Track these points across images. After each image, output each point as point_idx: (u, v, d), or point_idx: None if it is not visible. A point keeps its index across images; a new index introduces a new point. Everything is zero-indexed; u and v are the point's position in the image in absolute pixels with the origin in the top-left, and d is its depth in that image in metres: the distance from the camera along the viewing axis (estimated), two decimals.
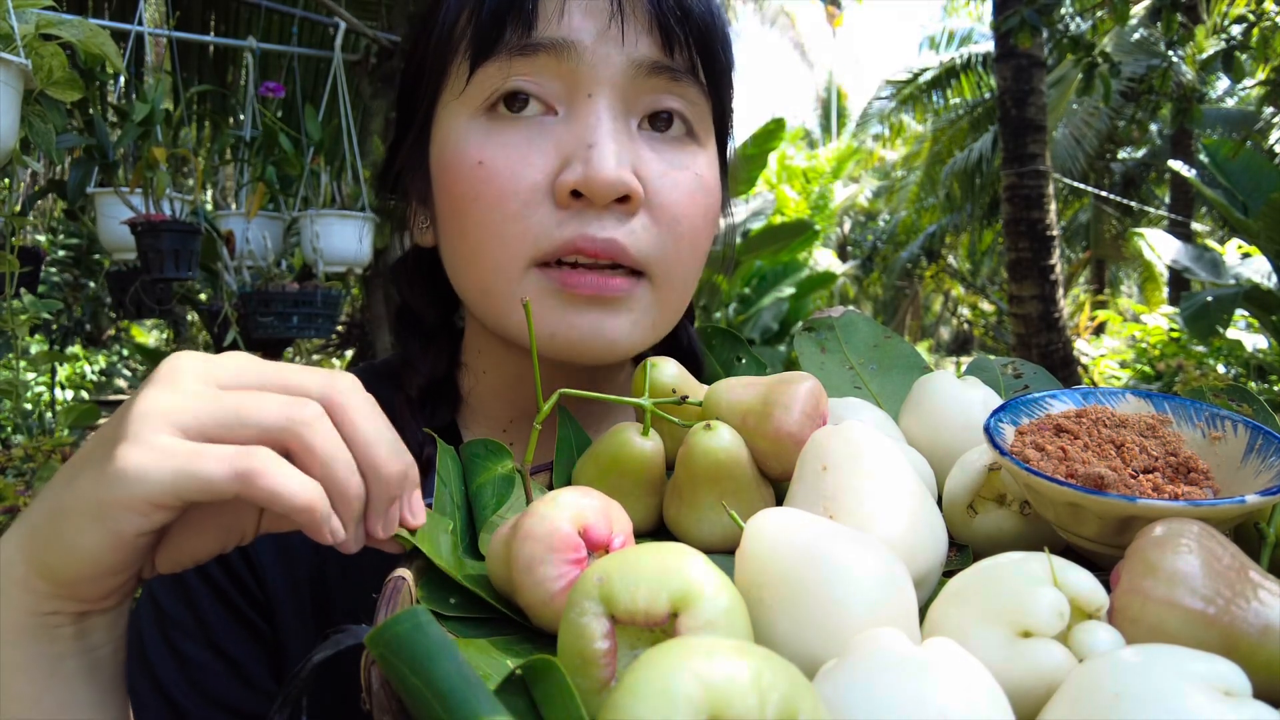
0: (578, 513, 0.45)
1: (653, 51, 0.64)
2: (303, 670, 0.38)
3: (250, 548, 0.68)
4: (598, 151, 0.61)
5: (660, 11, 0.63)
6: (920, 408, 0.64)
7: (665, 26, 0.63)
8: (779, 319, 7.99)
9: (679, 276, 0.68)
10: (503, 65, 0.63)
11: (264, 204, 2.66)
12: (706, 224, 0.68)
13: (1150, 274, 13.25)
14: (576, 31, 0.62)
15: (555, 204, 0.62)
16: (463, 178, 0.64)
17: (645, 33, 0.63)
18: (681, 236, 0.66)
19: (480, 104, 0.64)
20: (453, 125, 0.66)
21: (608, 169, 0.60)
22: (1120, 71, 4.35)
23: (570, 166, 0.62)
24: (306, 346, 6.09)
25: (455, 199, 0.65)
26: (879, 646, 0.34)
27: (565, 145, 0.63)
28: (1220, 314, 5.26)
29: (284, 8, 3.50)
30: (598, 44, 0.62)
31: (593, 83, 0.63)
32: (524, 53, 0.62)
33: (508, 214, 0.62)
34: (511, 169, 0.62)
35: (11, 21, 1.17)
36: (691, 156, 0.67)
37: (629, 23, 0.63)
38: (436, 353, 0.76)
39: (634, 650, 0.38)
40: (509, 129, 0.63)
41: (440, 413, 0.76)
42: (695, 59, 0.65)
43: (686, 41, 0.64)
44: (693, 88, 0.66)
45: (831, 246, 17.20)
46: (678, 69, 0.64)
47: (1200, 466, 0.49)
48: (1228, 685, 0.32)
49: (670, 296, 0.68)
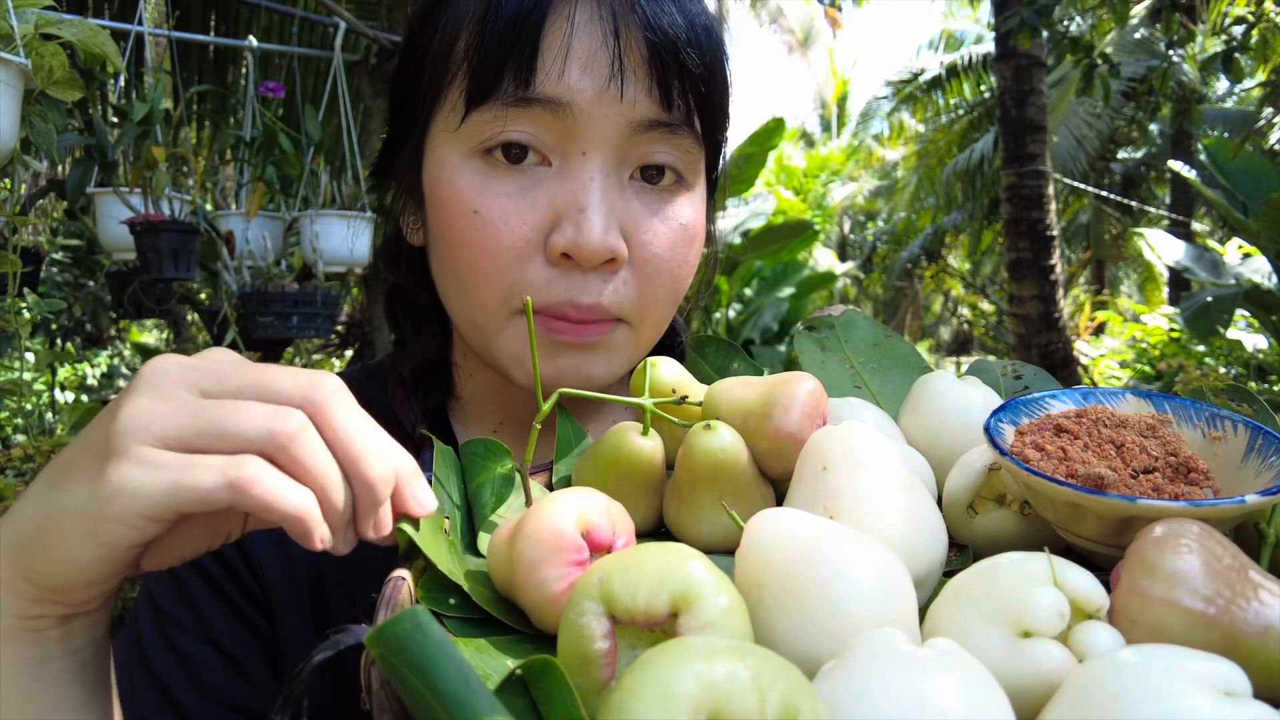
0: (581, 514, 0.45)
1: (650, 110, 0.63)
2: (303, 670, 0.38)
3: (248, 545, 0.68)
4: (587, 217, 0.62)
5: (661, 70, 0.62)
6: (920, 408, 0.64)
7: (665, 85, 0.63)
8: (779, 319, 7.99)
9: (656, 318, 0.70)
10: (498, 114, 0.62)
11: (264, 204, 2.66)
12: (687, 269, 0.70)
13: (1150, 274, 13.26)
14: (574, 91, 0.61)
15: (545, 260, 0.64)
16: (457, 221, 0.64)
17: (645, 92, 0.63)
18: (662, 286, 0.68)
19: (475, 147, 0.64)
20: (447, 159, 0.66)
21: (596, 237, 0.61)
22: (1120, 72, 4.35)
23: (561, 228, 0.62)
24: (306, 346, 6.09)
25: (448, 240, 0.66)
26: (879, 646, 0.34)
27: (558, 202, 0.63)
28: (1220, 314, 5.27)
29: (284, 8, 3.51)
30: (595, 104, 0.62)
31: (588, 141, 0.63)
32: (520, 105, 0.62)
33: (500, 265, 0.64)
34: (505, 221, 0.63)
35: (11, 21, 1.17)
36: (678, 206, 0.68)
37: (629, 83, 0.62)
38: (429, 333, 0.77)
39: (634, 650, 0.38)
40: (504, 177, 0.64)
41: (433, 394, 0.77)
42: (692, 110, 0.65)
43: (685, 96, 0.64)
44: (688, 139, 0.66)
45: (831, 246, 17.20)
46: (674, 124, 0.64)
47: (1200, 466, 0.49)
48: (1228, 685, 0.32)
49: (646, 334, 0.70)
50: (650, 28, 0.62)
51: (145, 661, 0.66)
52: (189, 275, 2.32)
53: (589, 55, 0.61)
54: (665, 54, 0.62)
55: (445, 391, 0.78)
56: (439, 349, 0.78)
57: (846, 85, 22.27)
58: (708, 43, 0.65)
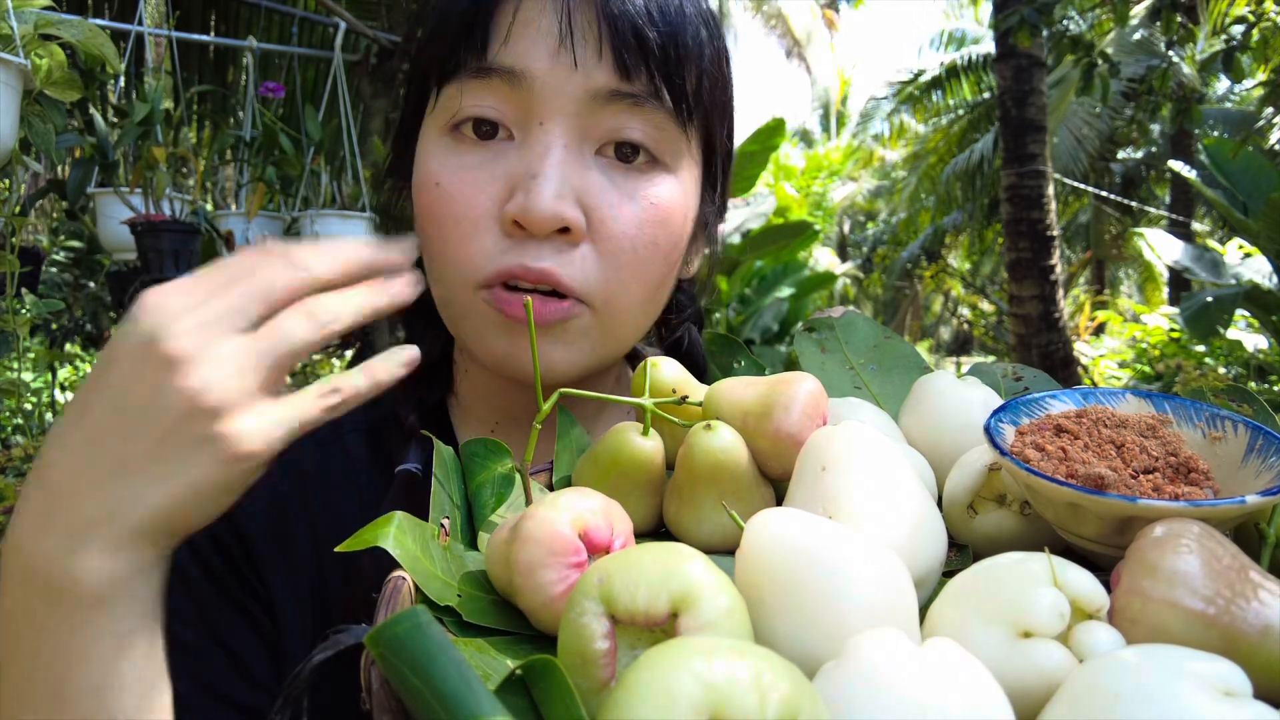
0: (578, 515, 0.45)
1: (609, 79, 0.63)
2: (303, 670, 0.38)
3: (252, 542, 0.68)
4: (537, 183, 0.61)
5: (614, 37, 0.62)
6: (920, 408, 0.64)
7: (619, 53, 0.62)
8: (779, 319, 7.99)
9: (624, 305, 0.67)
10: (459, 88, 0.64)
11: (264, 204, 2.66)
12: (657, 253, 0.67)
13: (1150, 274, 13.26)
14: (525, 58, 0.62)
15: (502, 231, 0.64)
16: (423, 195, 0.66)
17: (597, 60, 0.62)
18: (624, 266, 0.65)
19: (445, 124, 0.66)
20: (426, 139, 0.68)
21: (544, 202, 0.61)
22: (1120, 71, 4.35)
23: (514, 197, 0.63)
24: None
25: (420, 216, 0.67)
26: (879, 646, 0.34)
27: (514, 173, 0.63)
28: (1220, 314, 5.27)
29: (284, 8, 3.51)
30: (549, 73, 0.62)
31: (544, 111, 0.63)
32: (478, 76, 0.63)
33: (460, 237, 0.64)
34: (463, 194, 0.64)
35: (11, 21, 1.17)
36: (651, 185, 0.66)
37: (579, 49, 0.62)
38: (434, 335, 0.78)
39: (634, 650, 0.38)
40: (467, 152, 0.65)
41: (433, 391, 0.77)
42: (659, 84, 0.64)
43: (647, 67, 0.63)
44: (658, 113, 0.64)
45: (831, 246, 17.21)
46: (638, 94, 0.63)
47: (1200, 467, 0.49)
48: (1228, 685, 0.32)
49: (614, 324, 0.68)
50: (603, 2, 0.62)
51: None
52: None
53: (539, 25, 0.62)
54: (619, 23, 0.62)
55: (445, 389, 0.79)
56: (443, 347, 0.79)
57: (847, 86, 22.28)
58: (675, 17, 0.65)
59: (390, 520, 0.47)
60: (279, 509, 0.70)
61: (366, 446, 0.75)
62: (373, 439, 0.75)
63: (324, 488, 0.72)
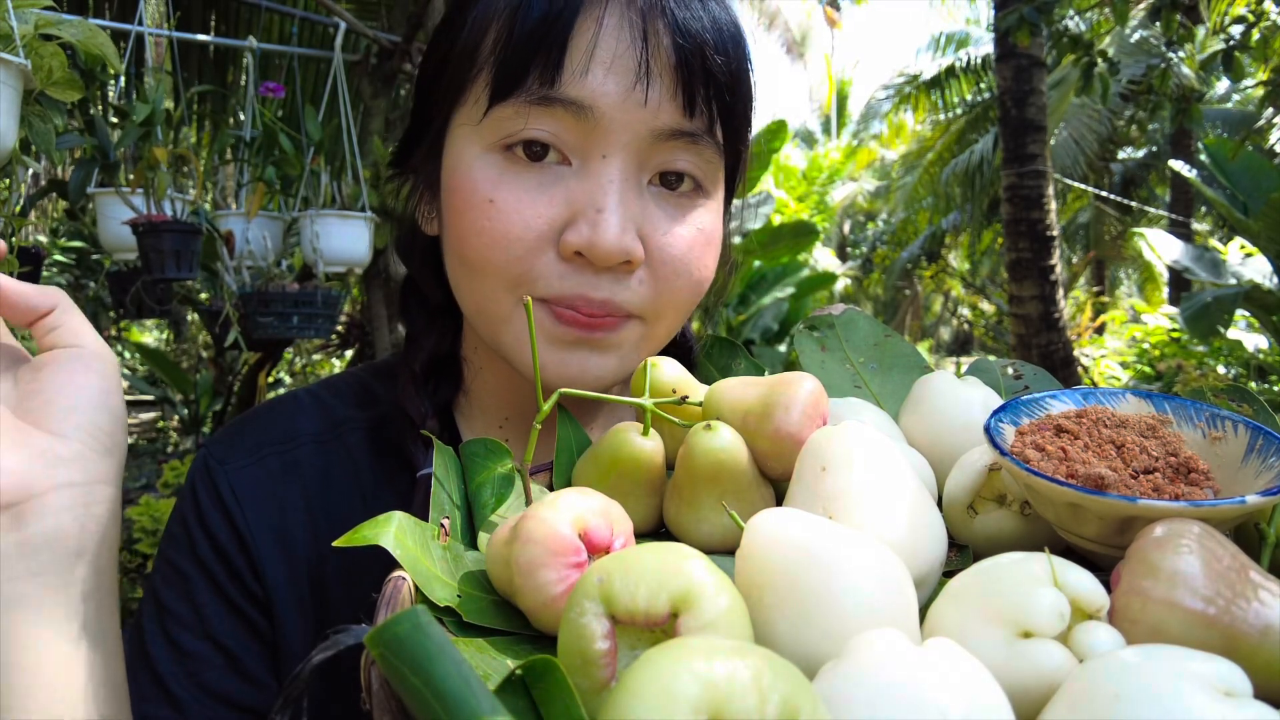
0: (578, 515, 0.45)
1: (673, 117, 0.63)
2: (303, 670, 0.38)
3: (250, 543, 0.68)
4: (605, 219, 0.61)
5: (687, 76, 0.62)
6: (920, 408, 0.64)
7: (689, 91, 0.62)
8: (779, 319, 7.99)
9: (670, 317, 0.69)
10: (520, 111, 0.62)
11: (264, 204, 2.66)
12: (705, 273, 0.69)
13: (1150, 274, 13.26)
14: (599, 95, 0.61)
15: (559, 255, 0.63)
16: (472, 210, 0.64)
17: (669, 98, 0.62)
18: (678, 289, 0.67)
19: (495, 142, 0.64)
20: (466, 149, 0.66)
21: (611, 238, 0.61)
22: (1120, 71, 4.35)
23: (576, 226, 0.62)
24: (307, 346, 6.09)
25: (462, 227, 0.65)
26: (879, 646, 0.34)
27: (576, 201, 0.63)
28: (1221, 314, 5.27)
29: (284, 8, 3.50)
30: (618, 108, 0.61)
31: (609, 144, 0.62)
32: (543, 104, 0.61)
33: (512, 257, 0.63)
34: (521, 214, 0.63)
35: (11, 21, 1.17)
36: (697, 212, 0.67)
37: (654, 88, 0.61)
38: (440, 330, 0.78)
39: (634, 650, 0.38)
40: (523, 172, 0.63)
41: (443, 389, 0.77)
42: (715, 119, 0.65)
43: (708, 104, 0.64)
44: (709, 149, 0.66)
45: (831, 247, 17.20)
46: (696, 133, 0.64)
47: (1200, 467, 0.49)
48: (1228, 685, 0.32)
49: (659, 331, 0.70)
50: (679, 31, 0.61)
51: (146, 656, 0.67)
52: (191, 275, 2.32)
53: (615, 58, 0.61)
54: (692, 59, 0.62)
55: (455, 387, 0.78)
56: (450, 344, 0.78)
57: (848, 86, 22.27)
58: (734, 49, 0.65)
59: (390, 520, 0.47)
60: (279, 509, 0.70)
61: (367, 445, 0.75)
62: (373, 436, 0.75)
63: (325, 488, 0.72)
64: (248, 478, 0.70)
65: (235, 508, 0.69)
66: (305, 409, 0.76)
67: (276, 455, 0.72)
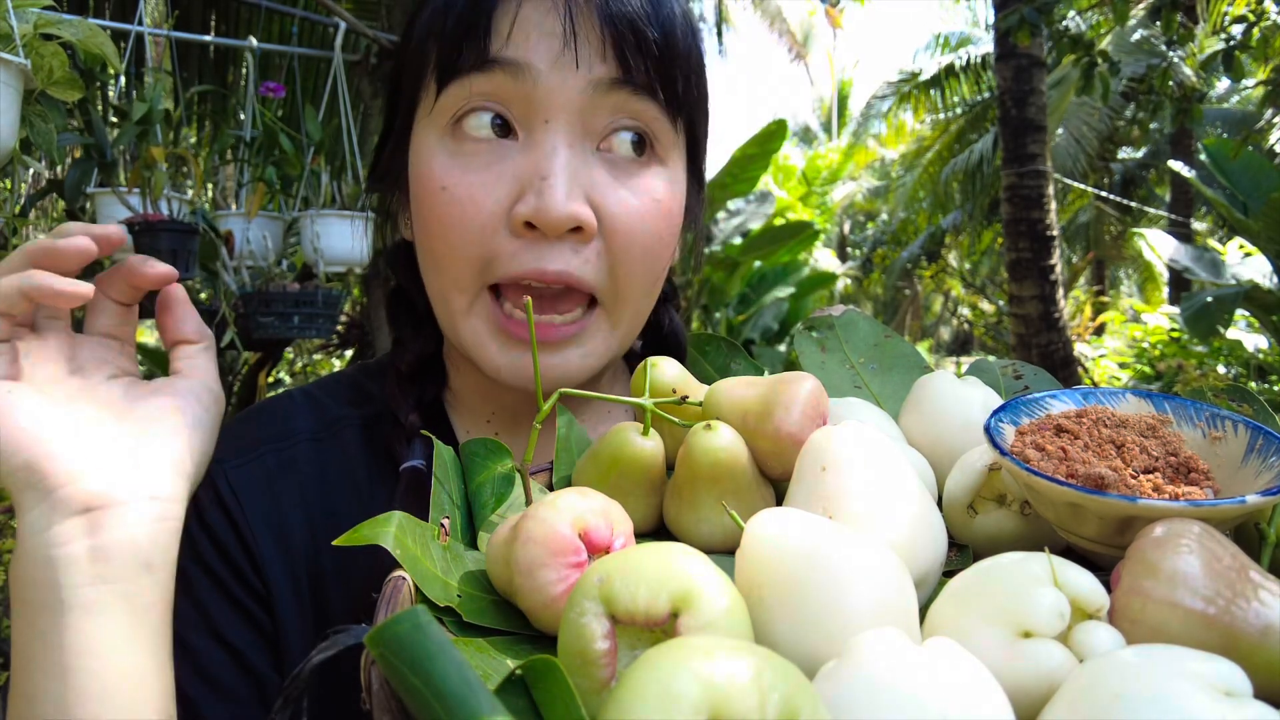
0: (578, 515, 0.45)
1: (607, 71, 0.64)
2: (303, 670, 0.38)
3: (251, 540, 0.69)
4: (550, 184, 0.62)
5: (615, 33, 0.64)
6: (920, 408, 0.64)
7: (620, 48, 0.64)
8: (779, 319, 8.00)
9: (631, 296, 0.69)
10: (464, 84, 0.64)
11: (264, 204, 2.66)
12: (661, 245, 0.69)
13: (1150, 274, 13.25)
14: (530, 53, 0.63)
15: (511, 232, 0.64)
16: (429, 198, 0.66)
17: (599, 56, 0.64)
18: (635, 260, 0.67)
19: (446, 122, 0.66)
20: (424, 141, 0.68)
21: (558, 203, 0.62)
22: (1120, 71, 4.35)
23: (524, 198, 0.63)
24: (307, 346, 6.09)
25: (423, 219, 0.67)
26: (879, 646, 0.34)
27: (522, 174, 0.64)
28: (1221, 314, 5.27)
29: (284, 8, 3.50)
30: (553, 69, 0.63)
31: (549, 109, 0.64)
32: (482, 69, 0.64)
33: (466, 239, 0.65)
34: (471, 196, 0.64)
35: (11, 21, 1.17)
36: (650, 178, 0.68)
37: (583, 46, 0.63)
38: (426, 335, 0.79)
39: (634, 650, 0.38)
40: (471, 153, 0.65)
41: (428, 388, 0.78)
42: (654, 79, 0.66)
43: (644, 62, 0.65)
44: (652, 105, 0.66)
45: (832, 246, 17.21)
46: (636, 83, 0.65)
47: (1200, 466, 0.49)
48: (1228, 685, 0.32)
49: (624, 315, 0.70)
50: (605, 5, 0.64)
51: None
52: (189, 275, 2.32)
53: (540, 26, 0.63)
54: (619, 23, 0.64)
55: (440, 385, 0.80)
56: (435, 346, 0.79)
57: (849, 86, 22.27)
58: (667, 19, 0.66)
59: (390, 520, 0.47)
60: (277, 506, 0.70)
61: (362, 442, 0.75)
62: (368, 434, 0.76)
63: (321, 485, 0.72)
64: (246, 475, 0.71)
65: (234, 505, 0.69)
66: (300, 408, 0.77)
67: (274, 453, 0.72)
